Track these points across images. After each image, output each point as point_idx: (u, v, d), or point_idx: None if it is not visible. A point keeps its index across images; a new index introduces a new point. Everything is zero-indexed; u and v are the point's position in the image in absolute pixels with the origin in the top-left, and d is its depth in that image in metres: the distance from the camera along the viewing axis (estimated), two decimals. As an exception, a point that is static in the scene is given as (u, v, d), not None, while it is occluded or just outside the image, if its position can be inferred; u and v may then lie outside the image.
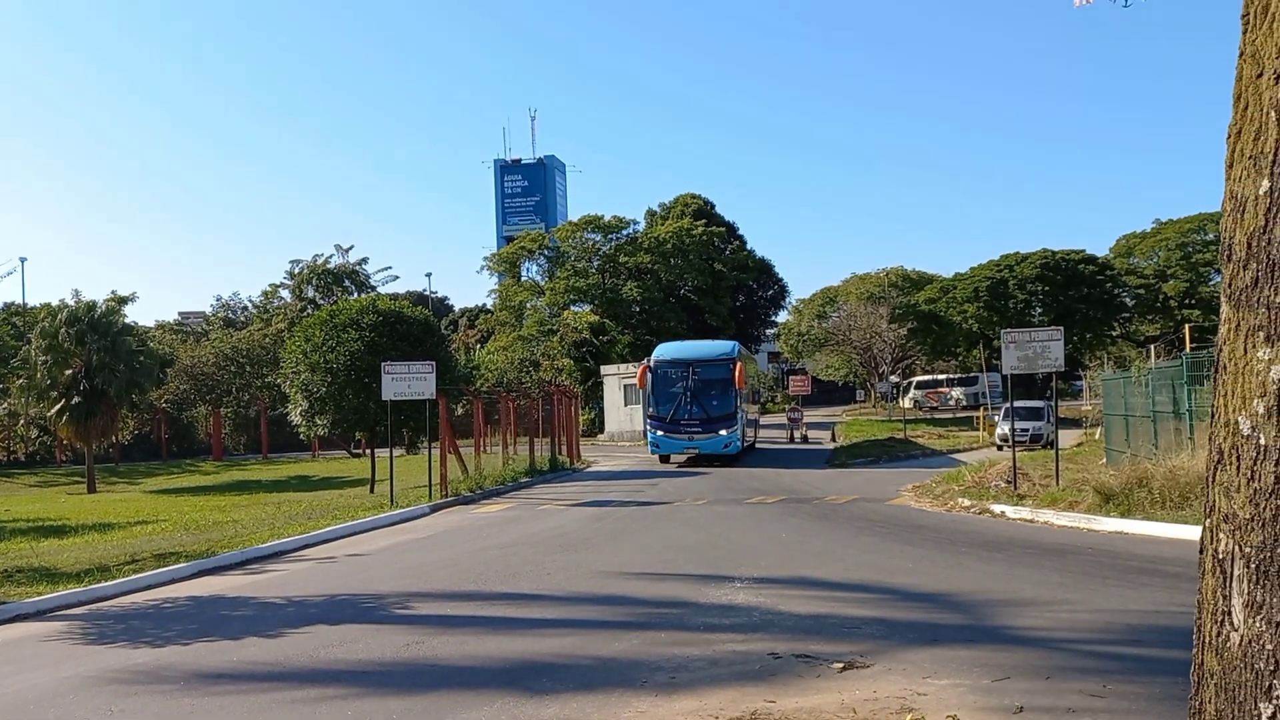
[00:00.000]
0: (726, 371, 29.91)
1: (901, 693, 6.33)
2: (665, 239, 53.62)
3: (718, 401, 29.74)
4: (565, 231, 59.96)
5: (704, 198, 59.41)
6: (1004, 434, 32.40)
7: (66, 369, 32.23)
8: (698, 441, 29.62)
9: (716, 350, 31.97)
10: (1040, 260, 49.82)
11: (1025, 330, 18.90)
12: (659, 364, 30.72)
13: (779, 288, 61.98)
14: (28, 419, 41.02)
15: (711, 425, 29.44)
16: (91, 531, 17.62)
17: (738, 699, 6.36)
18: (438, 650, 8.11)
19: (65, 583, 11.87)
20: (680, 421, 29.68)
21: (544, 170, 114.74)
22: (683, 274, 54.30)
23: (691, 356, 30.95)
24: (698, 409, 29.58)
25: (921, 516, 16.89)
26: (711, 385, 29.86)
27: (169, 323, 66.79)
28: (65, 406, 32.03)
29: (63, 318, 32.32)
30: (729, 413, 29.59)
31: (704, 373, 30.09)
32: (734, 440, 29.66)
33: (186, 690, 7.21)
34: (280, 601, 10.66)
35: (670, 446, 30.23)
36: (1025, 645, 7.59)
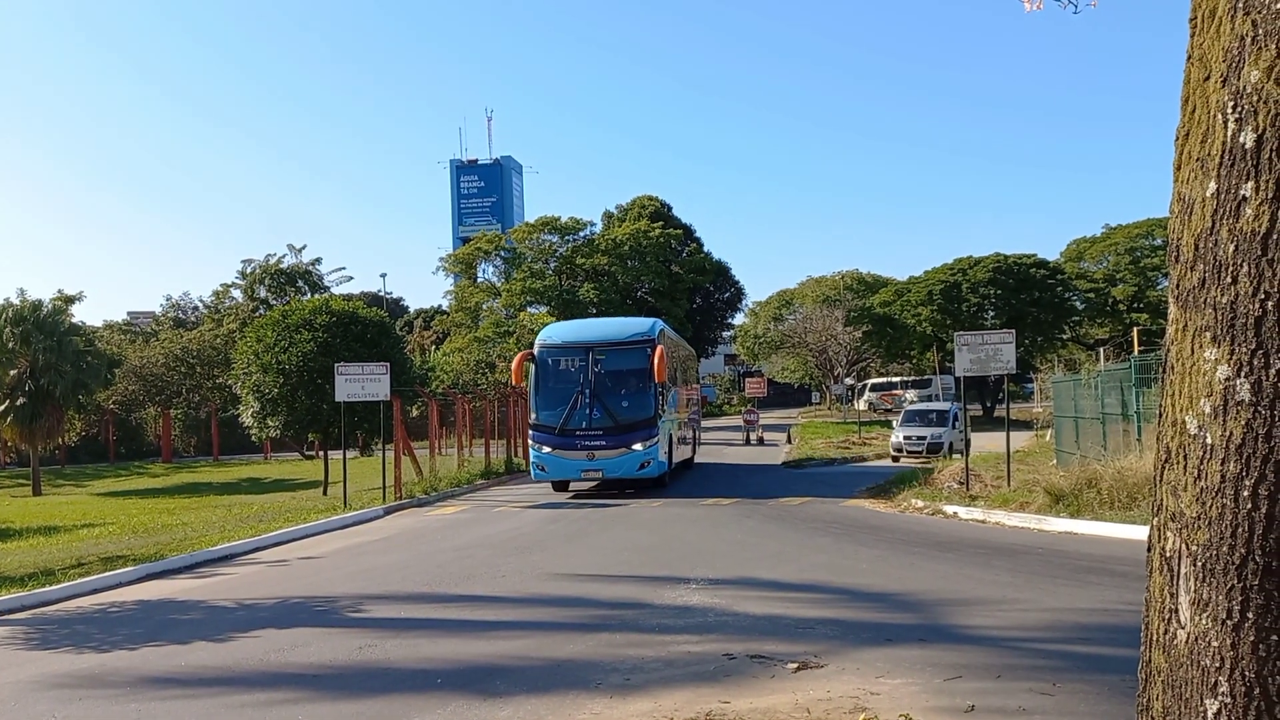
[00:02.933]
0: (642, 359, 21.19)
1: (855, 692, 6.37)
2: (622, 241, 53.64)
3: (630, 402, 21.12)
4: (522, 233, 59.75)
5: (661, 200, 59.59)
6: (897, 443, 30.62)
7: (11, 369, 31.55)
8: (601, 461, 20.89)
9: (628, 330, 23.09)
10: (993, 264, 50.46)
11: (978, 333, 19.13)
12: (545, 349, 21.88)
13: (736, 290, 62.30)
14: (-30, 420, 40.05)
15: (621, 437, 20.85)
16: (36, 535, 17.25)
17: (693, 700, 6.36)
18: (391, 653, 8.02)
19: (8, 587, 11.59)
20: (576, 433, 20.83)
21: (500, 171, 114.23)
22: (640, 276, 54.36)
23: (592, 339, 22.08)
24: (601, 414, 20.80)
25: (875, 517, 17.02)
26: (621, 379, 21.46)
27: (117, 323, 65.52)
28: (9, 408, 31.35)
29: (7, 317, 31.64)
30: (646, 418, 20.93)
31: (609, 361, 21.48)
32: (653, 457, 21.04)
33: (133, 695, 7.07)
34: (230, 605, 10.49)
35: (562, 470, 21.27)
36: (976, 644, 7.67)
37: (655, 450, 21.07)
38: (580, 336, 22.56)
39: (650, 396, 21.16)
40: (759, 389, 47.28)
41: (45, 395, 31.49)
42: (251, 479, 32.79)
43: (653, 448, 21.00)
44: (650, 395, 21.16)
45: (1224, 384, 2.41)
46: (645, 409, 21.10)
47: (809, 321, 60.25)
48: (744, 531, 15.26)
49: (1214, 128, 2.46)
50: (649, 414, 21.06)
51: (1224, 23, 2.45)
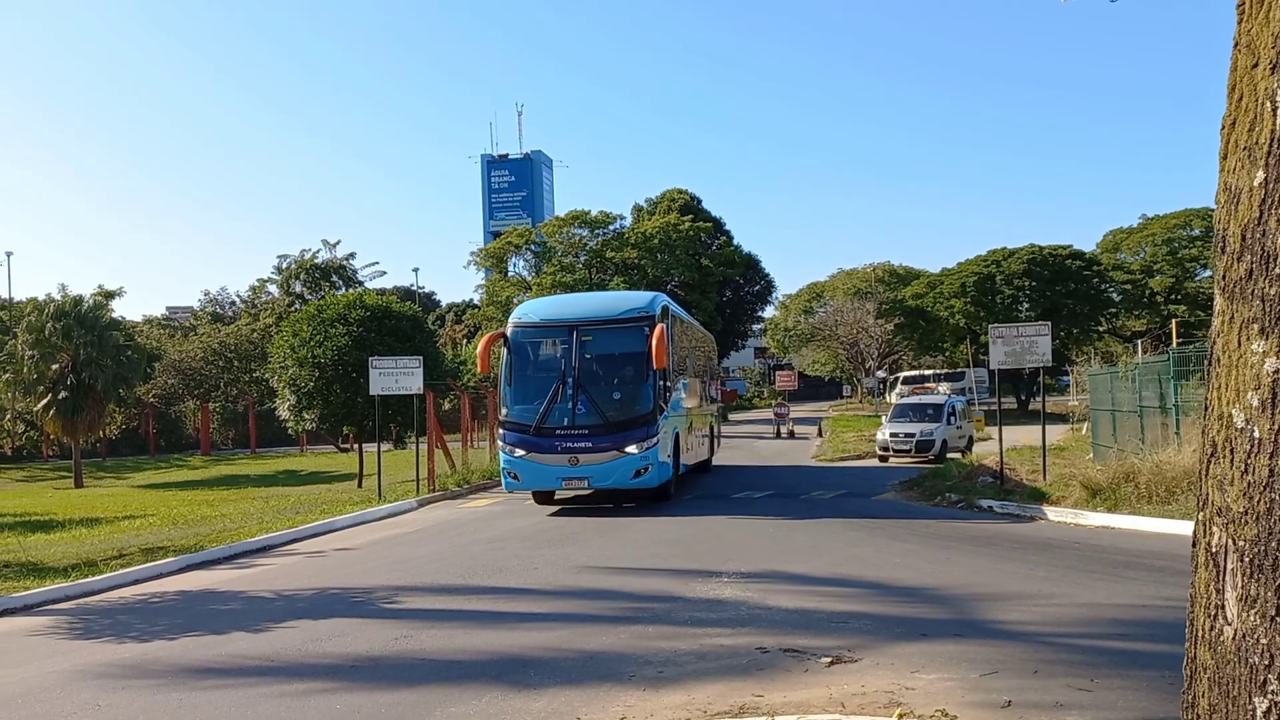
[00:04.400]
0: (637, 340, 17.29)
1: (889, 687, 6.34)
2: (652, 234, 53.56)
3: (622, 394, 17.41)
4: (552, 226, 59.81)
5: (691, 193, 59.41)
6: (884, 441, 28.04)
7: (53, 364, 32.03)
8: (587, 467, 16.84)
9: (621, 304, 18.81)
10: (1027, 256, 49.92)
11: (1012, 325, 18.93)
12: (520, 329, 18.09)
13: (766, 283, 62.02)
14: (14, 414, 40.75)
15: (611, 437, 16.89)
16: (79, 526, 17.53)
17: (726, 693, 6.36)
18: (425, 644, 8.09)
19: (52, 578, 11.80)
20: (556, 432, 16.93)
21: (531, 165, 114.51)
22: (669, 269, 54.24)
23: (576, 316, 17.93)
24: (586, 408, 16.99)
25: (908, 511, 16.92)
26: (612, 365, 17.78)
27: (157, 317, 66.48)
28: (52, 401, 31.84)
29: (49, 312, 32.12)
30: (642, 414, 17.05)
31: (598, 343, 17.62)
32: (651, 462, 17.00)
33: (173, 684, 7.18)
34: (269, 595, 10.62)
35: (538, 478, 17.32)
36: (1012, 639, 7.61)
37: (654, 453, 16.97)
38: (562, 313, 18.33)
39: (648, 387, 17.11)
40: (789, 382, 47.14)
41: (86, 389, 31.95)
42: (288, 471, 33.13)
43: (650, 450, 16.89)
44: (648, 385, 17.11)
45: (1272, 376, 2.38)
46: (642, 402, 17.12)
47: (840, 314, 60.00)
48: (775, 525, 15.22)
49: (1262, 115, 2.42)
50: (646, 408, 17.04)
51: (1274, 8, 2.40)
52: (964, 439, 28.80)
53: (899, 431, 27.80)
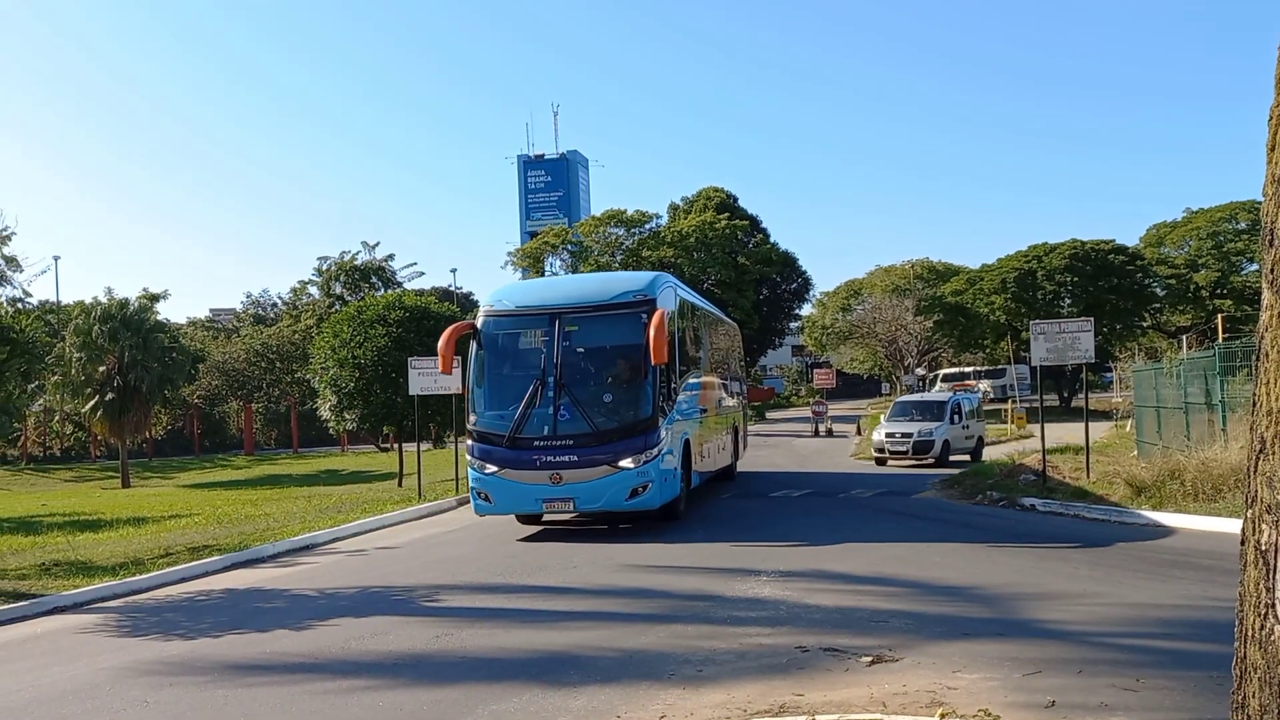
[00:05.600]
0: (632, 329, 14.30)
1: (931, 686, 6.30)
2: (688, 233, 53.48)
3: (615, 395, 14.50)
4: (588, 226, 59.94)
5: (727, 191, 59.20)
6: (879, 442, 26.04)
7: (100, 366, 32.62)
8: (572, 487, 13.97)
9: (614, 287, 15.71)
10: (1069, 251, 49.24)
11: (1055, 321, 18.71)
12: (493, 319, 15.09)
13: (803, 281, 61.61)
14: (63, 415, 41.60)
15: (601, 450, 13.95)
16: (126, 525, 17.82)
17: (766, 692, 6.36)
18: (466, 642, 8.16)
19: (101, 576, 12.03)
20: (534, 444, 14.03)
21: (567, 165, 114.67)
22: (706, 268, 54.13)
23: (560, 301, 14.99)
24: (571, 414, 14.04)
25: (949, 510, 16.79)
26: (603, 361, 14.90)
27: (201, 319, 67.50)
28: (99, 403, 32.44)
29: (96, 315, 32.72)
30: (640, 419, 14.14)
31: (586, 334, 14.76)
32: (650, 478, 14.07)
33: (219, 681, 7.29)
34: (312, 594, 10.76)
35: (514, 500, 14.45)
36: (1056, 639, 7.53)
37: (654, 467, 14.02)
38: (543, 299, 15.36)
39: (647, 386, 14.11)
40: (827, 380, 46.90)
41: (132, 390, 32.51)
42: (329, 471, 33.51)
43: (650, 464, 13.96)
44: (647, 385, 14.11)
45: (1321, 372, 2.34)
46: (639, 405, 14.16)
47: (878, 311, 59.55)
48: (814, 523, 15.17)
49: (1309, 108, 2.38)
50: (644, 413, 14.07)
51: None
52: (972, 440, 26.80)
53: (896, 431, 25.75)
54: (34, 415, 41.76)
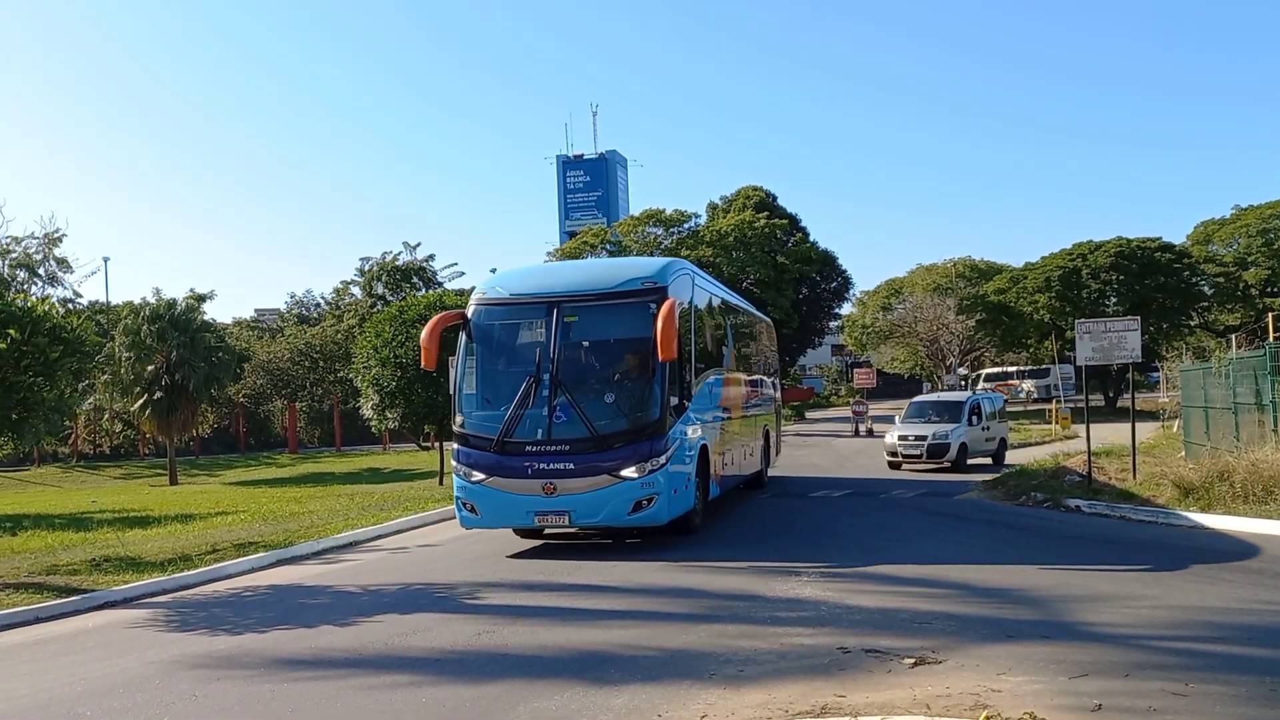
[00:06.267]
0: (640, 321, 12.79)
1: (975, 689, 6.25)
2: (727, 232, 53.33)
3: (617, 395, 12.93)
4: (627, 226, 60.02)
5: (766, 190, 58.90)
6: (892, 445, 24.82)
7: (149, 365, 33.17)
8: (567, 498, 12.44)
9: (619, 273, 14.13)
10: (1115, 249, 48.53)
11: (1100, 320, 18.45)
12: (485, 308, 13.70)
13: (843, 280, 61.17)
14: (113, 413, 42.38)
15: (600, 457, 12.44)
16: (174, 522, 18.12)
17: (807, 693, 6.34)
18: (508, 639, 8.21)
19: (150, 571, 12.25)
20: (526, 449, 12.58)
21: (605, 165, 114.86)
22: (744, 267, 53.96)
23: (558, 289, 13.55)
24: (568, 416, 12.55)
25: (992, 511, 16.62)
26: (605, 357, 13.36)
27: (246, 319, 68.40)
28: (148, 401, 32.99)
29: (145, 315, 33.29)
30: (646, 422, 12.56)
31: (585, 325, 13.23)
32: (658, 489, 12.45)
33: (266, 676, 7.41)
34: (355, 590, 10.89)
35: (503, 512, 12.87)
36: (1102, 642, 7.44)
37: (661, 477, 12.42)
38: (541, 286, 13.80)
39: (655, 385, 12.60)
40: (868, 380, 46.56)
41: (180, 389, 33.03)
42: (372, 469, 33.83)
43: (657, 474, 12.38)
44: (656, 383, 12.60)
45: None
46: (645, 406, 12.62)
47: (919, 310, 59.09)
48: (855, 523, 15.09)
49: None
50: (651, 415, 12.53)
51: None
52: (993, 443, 25.86)
53: (910, 434, 24.51)
54: (84, 413, 42.57)
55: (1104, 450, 21.22)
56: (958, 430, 24.13)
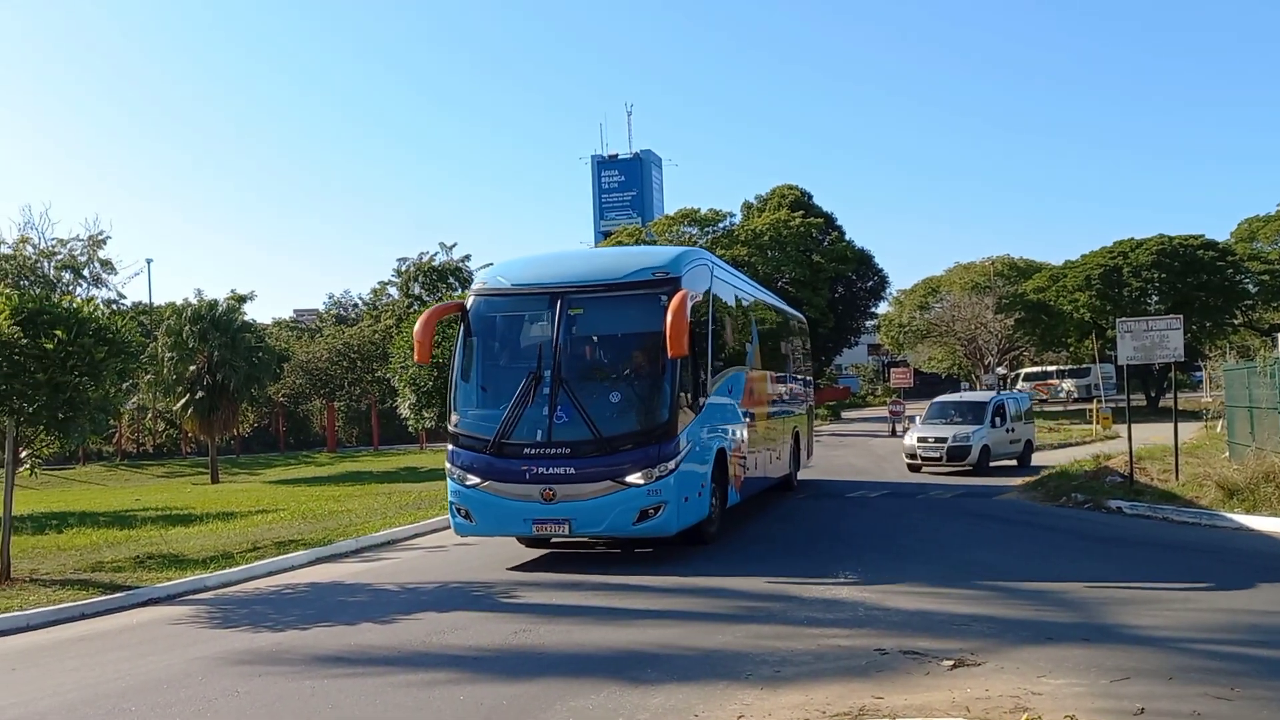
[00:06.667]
0: (650, 314, 11.76)
1: (1015, 691, 6.19)
2: (762, 231, 53.15)
3: (623, 395, 12.01)
4: (661, 225, 59.98)
5: (801, 188, 58.69)
6: (910, 447, 24.05)
7: (191, 365, 33.58)
8: (566, 506, 11.50)
9: (628, 263, 13.07)
10: (1156, 247, 47.82)
11: (1142, 319, 18.21)
12: (485, 299, 12.93)
13: (879, 278, 60.78)
14: (155, 413, 43.01)
15: (602, 460, 11.56)
16: (215, 520, 18.35)
17: (844, 694, 6.31)
18: (544, 638, 8.25)
19: (192, 569, 12.42)
20: (524, 451, 11.68)
21: (640, 165, 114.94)
22: (780, 266, 53.76)
23: (563, 279, 12.60)
24: (568, 415, 11.67)
25: (1032, 511, 16.46)
26: (613, 351, 12.73)
27: (285, 320, 69.08)
28: (190, 401, 33.40)
29: (187, 316, 33.71)
30: (655, 425, 11.65)
31: (591, 318, 12.45)
32: (667, 497, 11.50)
33: (307, 672, 7.50)
34: (393, 588, 10.99)
35: (499, 519, 11.93)
36: (1145, 645, 7.35)
37: (670, 484, 11.46)
38: (545, 276, 12.83)
39: (665, 384, 11.65)
40: (905, 379, 46.25)
41: (221, 389, 33.40)
42: (409, 468, 34.05)
43: (664, 480, 11.40)
44: (665, 382, 11.65)
45: None
46: (653, 407, 11.70)
47: (957, 309, 58.47)
48: (892, 524, 15.00)
49: None
50: (660, 416, 11.59)
51: None
52: (1018, 445, 25.11)
53: (929, 435, 23.67)
54: (128, 413, 43.24)
55: (1146, 451, 20.91)
56: (979, 432, 23.28)
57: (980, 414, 23.82)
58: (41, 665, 8.27)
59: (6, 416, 11.16)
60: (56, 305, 11.59)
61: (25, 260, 38.43)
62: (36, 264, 39.02)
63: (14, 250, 35.84)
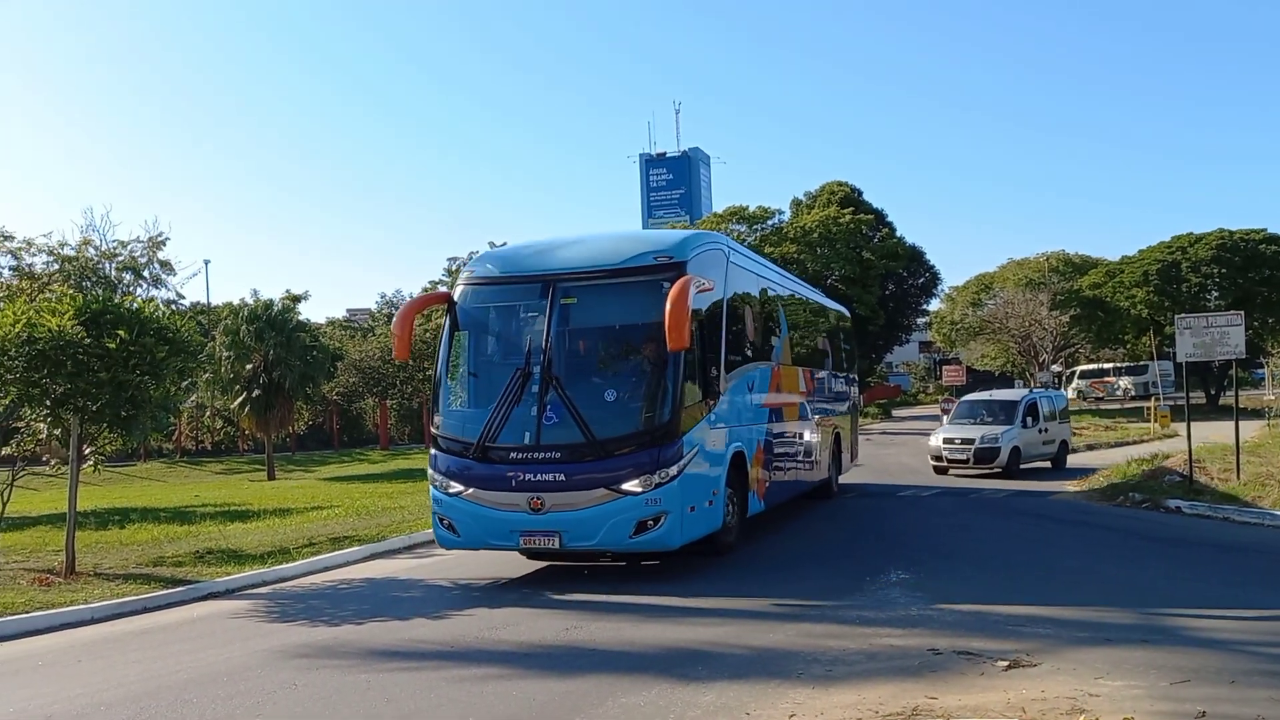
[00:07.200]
0: (651, 303, 10.49)
1: (1072, 693, 6.11)
2: (811, 228, 52.79)
3: (619, 393, 10.91)
4: (710, 223, 59.80)
5: (851, 185, 58.16)
6: (936, 448, 23.04)
7: (247, 364, 34.16)
8: (557, 516, 10.34)
9: (628, 248, 11.65)
10: (1216, 241, 46.77)
11: (1202, 315, 17.83)
12: (473, 287, 11.86)
13: (930, 275, 60.08)
14: (213, 411, 43.80)
15: (594, 466, 10.37)
16: (272, 516, 18.61)
17: (897, 694, 6.27)
18: (595, 635, 8.29)
19: (250, 564, 12.64)
20: (510, 455, 10.63)
21: (688, 163, 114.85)
22: (830, 263, 53.37)
23: (557, 266, 11.44)
24: (558, 415, 10.57)
25: (1088, 511, 16.20)
26: (610, 344, 11.52)
27: (338, 319, 69.95)
28: (246, 399, 33.97)
29: (243, 315, 34.30)
30: (655, 426, 10.46)
31: (586, 308, 11.35)
32: (668, 507, 10.27)
33: (362, 666, 7.61)
34: (446, 584, 11.11)
35: (483, 530, 10.79)
36: (1205, 647, 7.20)
37: (672, 493, 10.30)
38: (538, 263, 11.63)
39: (668, 381, 10.52)
40: (957, 377, 45.68)
41: (277, 387, 33.94)
42: (458, 466, 34.35)
43: (666, 488, 10.26)
44: (668, 379, 10.51)
45: None
46: (654, 407, 10.56)
47: (1011, 306, 57.60)
48: (946, 523, 14.84)
49: None
50: (660, 417, 10.46)
51: None
52: (1052, 446, 24.03)
53: (955, 436, 22.66)
54: (187, 411, 44.10)
55: (1205, 450, 20.46)
56: (1009, 432, 22.24)
57: (1011, 413, 22.83)
58: (105, 657, 8.48)
59: (71, 415, 11.44)
60: (119, 306, 11.85)
61: (87, 262, 39.35)
62: (98, 265, 39.93)
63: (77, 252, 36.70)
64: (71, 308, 11.17)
